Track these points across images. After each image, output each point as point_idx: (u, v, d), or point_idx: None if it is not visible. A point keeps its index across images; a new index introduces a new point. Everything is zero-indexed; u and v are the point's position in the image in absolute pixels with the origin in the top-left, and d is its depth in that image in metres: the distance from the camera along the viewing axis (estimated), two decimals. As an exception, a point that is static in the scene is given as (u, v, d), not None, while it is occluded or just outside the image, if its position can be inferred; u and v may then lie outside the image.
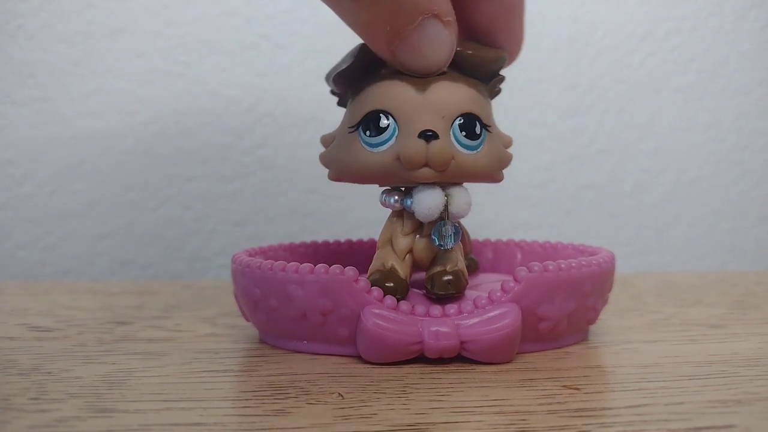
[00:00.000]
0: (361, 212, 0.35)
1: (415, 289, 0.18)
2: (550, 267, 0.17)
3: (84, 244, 0.34)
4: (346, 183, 0.18)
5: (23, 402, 0.14)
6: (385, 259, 0.18)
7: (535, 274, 0.17)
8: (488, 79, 0.18)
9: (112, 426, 0.13)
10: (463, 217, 0.18)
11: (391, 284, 0.17)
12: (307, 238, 0.26)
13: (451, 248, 0.18)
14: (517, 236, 0.26)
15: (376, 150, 0.17)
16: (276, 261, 0.18)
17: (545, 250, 0.23)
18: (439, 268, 0.18)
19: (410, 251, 0.18)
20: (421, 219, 0.17)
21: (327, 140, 0.18)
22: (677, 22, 0.37)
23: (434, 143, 0.16)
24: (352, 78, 0.17)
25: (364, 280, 0.17)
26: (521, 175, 0.36)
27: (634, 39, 0.37)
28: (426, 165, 0.16)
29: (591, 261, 0.18)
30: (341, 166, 0.18)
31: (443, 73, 0.17)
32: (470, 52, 0.17)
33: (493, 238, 0.25)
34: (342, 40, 0.19)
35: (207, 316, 0.23)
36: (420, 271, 0.19)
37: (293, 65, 0.34)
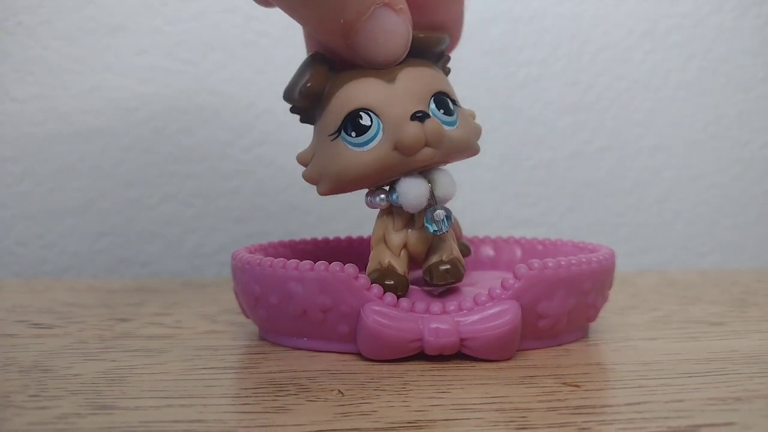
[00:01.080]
0: (361, 209, 0.35)
1: (413, 286, 0.18)
2: (550, 264, 0.17)
3: (84, 241, 0.34)
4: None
5: (23, 399, 0.14)
6: (381, 257, 0.18)
7: (535, 271, 0.17)
8: (437, 60, 0.18)
9: (113, 423, 0.13)
10: (450, 198, 0.18)
11: (391, 282, 0.17)
12: (307, 235, 0.26)
13: (447, 233, 0.18)
14: (518, 233, 0.26)
15: (366, 148, 0.17)
16: (276, 258, 0.18)
17: (545, 248, 0.23)
18: (435, 259, 0.18)
19: (404, 246, 0.18)
20: (410, 210, 0.17)
21: (305, 157, 0.18)
22: (678, 19, 0.37)
23: (429, 122, 0.16)
24: (316, 88, 0.17)
25: (364, 277, 0.17)
26: (522, 172, 0.36)
27: (635, 36, 0.36)
28: (426, 145, 0.17)
29: (591, 258, 0.18)
30: (332, 176, 0.17)
31: (402, 61, 0.17)
32: (422, 36, 0.17)
33: (492, 235, 0.25)
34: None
35: (207, 313, 0.23)
36: (417, 268, 0.19)
37: (293, 62, 0.34)
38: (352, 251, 0.24)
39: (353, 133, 0.17)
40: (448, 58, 0.19)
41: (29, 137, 0.33)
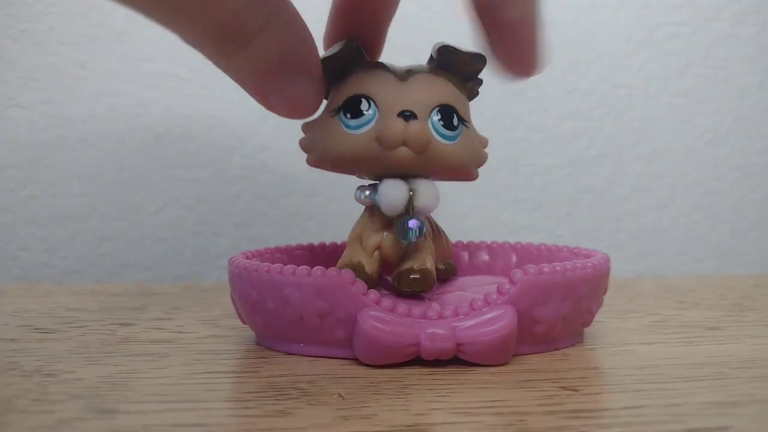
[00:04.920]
0: (362, 215, 0.35)
1: (384, 290, 0.18)
2: (546, 269, 0.17)
3: (87, 246, 0.34)
4: (341, 181, 0.19)
5: (26, 403, 0.14)
6: (353, 255, 0.18)
7: (531, 276, 0.17)
8: (467, 80, 0.18)
9: (115, 427, 0.13)
10: (430, 211, 0.18)
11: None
12: (308, 241, 0.26)
13: (417, 244, 0.18)
14: (516, 239, 0.26)
15: (356, 132, 0.17)
16: (273, 263, 0.18)
17: (540, 253, 0.24)
18: (406, 266, 0.18)
19: (378, 248, 0.18)
20: (385, 212, 0.18)
21: (308, 127, 0.19)
22: (675, 27, 0.37)
23: (413, 122, 0.17)
24: (336, 66, 0.18)
25: (360, 283, 0.17)
26: (520, 178, 0.36)
27: (633, 43, 0.37)
28: (404, 144, 0.17)
29: (586, 263, 0.18)
30: (320, 150, 0.18)
31: (425, 67, 0.18)
32: (451, 50, 0.18)
33: (488, 240, 0.25)
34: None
35: (209, 318, 0.23)
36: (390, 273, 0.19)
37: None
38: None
39: (348, 115, 0.17)
40: (480, 82, 0.19)
41: (33, 142, 0.33)
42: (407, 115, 0.17)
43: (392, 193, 0.17)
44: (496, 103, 0.36)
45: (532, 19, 0.17)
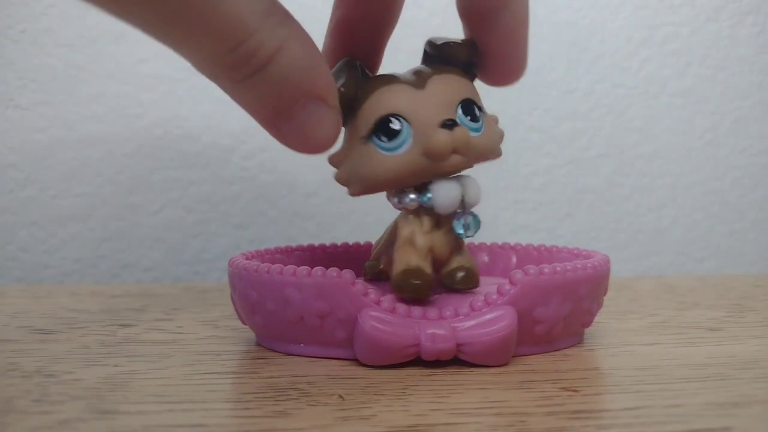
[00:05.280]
0: (362, 215, 0.35)
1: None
2: (546, 270, 0.17)
3: (86, 246, 0.34)
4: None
5: (26, 404, 0.14)
6: (408, 258, 0.18)
7: (531, 277, 0.17)
8: (465, 67, 0.19)
9: (115, 428, 0.13)
10: (477, 204, 0.18)
11: (419, 282, 0.17)
12: (308, 241, 0.26)
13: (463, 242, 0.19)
14: (516, 239, 0.26)
15: (396, 153, 0.17)
16: (272, 264, 0.18)
17: (540, 254, 0.24)
18: (455, 265, 0.19)
19: (430, 249, 0.18)
20: (441, 212, 0.18)
21: (338, 159, 0.18)
22: (675, 28, 0.37)
23: (457, 129, 0.17)
24: (350, 94, 0.18)
25: (361, 283, 0.17)
26: (520, 178, 0.36)
27: (632, 44, 0.37)
28: (454, 152, 0.17)
29: (586, 264, 0.18)
30: (364, 179, 0.18)
31: (428, 68, 0.18)
32: (450, 44, 0.18)
33: (488, 242, 0.25)
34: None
35: (209, 319, 0.23)
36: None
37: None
38: (349, 257, 0.24)
39: (384, 138, 0.17)
40: (475, 66, 0.19)
41: (33, 143, 0.33)
42: (449, 124, 0.17)
43: (450, 193, 0.18)
44: (495, 103, 0.36)
45: (524, 25, 0.17)
